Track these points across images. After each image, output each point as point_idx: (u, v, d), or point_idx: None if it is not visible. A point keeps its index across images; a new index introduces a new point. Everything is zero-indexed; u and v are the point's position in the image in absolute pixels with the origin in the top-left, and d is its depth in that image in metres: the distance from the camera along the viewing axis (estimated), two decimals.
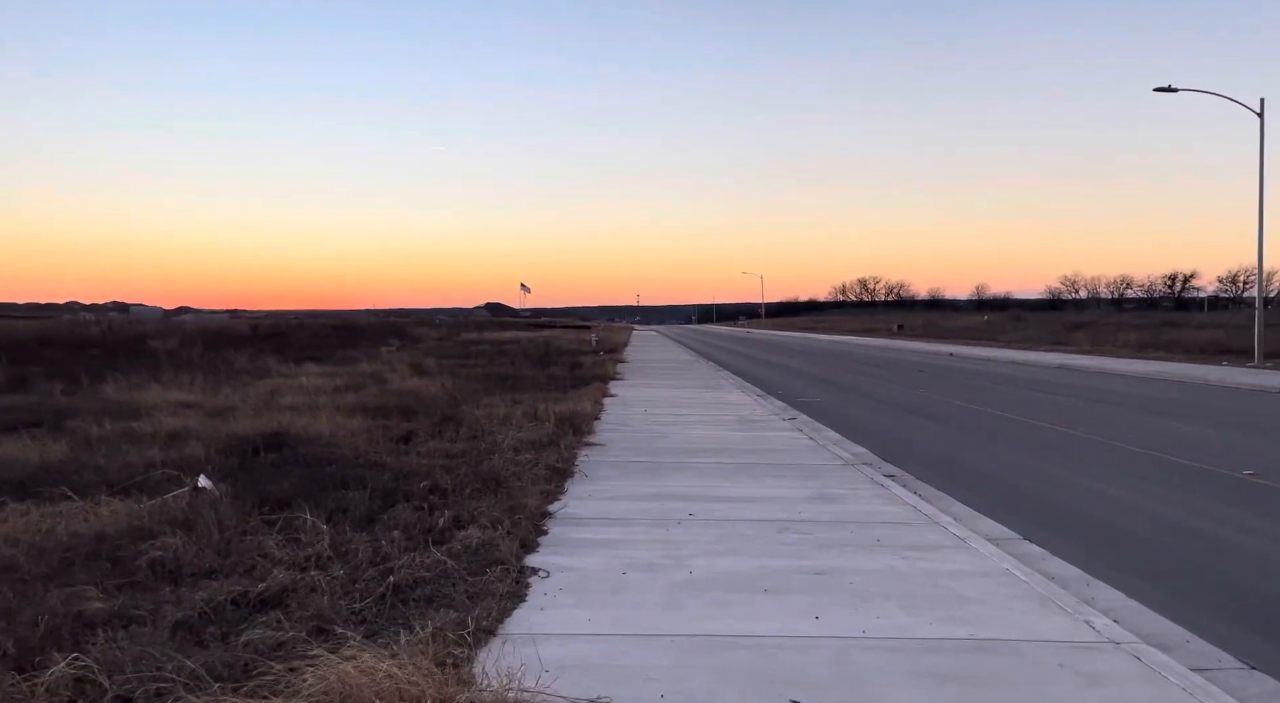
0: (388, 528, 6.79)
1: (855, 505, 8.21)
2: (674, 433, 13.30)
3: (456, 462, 9.63)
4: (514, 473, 8.98)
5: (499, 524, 6.80)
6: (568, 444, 11.24)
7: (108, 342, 28.22)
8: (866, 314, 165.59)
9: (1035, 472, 10.96)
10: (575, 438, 11.98)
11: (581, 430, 12.69)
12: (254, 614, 4.84)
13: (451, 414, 13.98)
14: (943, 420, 16.29)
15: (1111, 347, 43.46)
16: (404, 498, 7.70)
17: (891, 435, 14.24)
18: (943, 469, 11.03)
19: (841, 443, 12.86)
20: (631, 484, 9.11)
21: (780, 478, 9.58)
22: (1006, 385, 23.94)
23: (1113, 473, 10.75)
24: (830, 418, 16.15)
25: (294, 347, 36.68)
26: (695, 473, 9.83)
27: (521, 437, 11.39)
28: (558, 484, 8.71)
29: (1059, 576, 6.14)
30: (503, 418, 13.52)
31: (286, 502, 7.39)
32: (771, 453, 11.40)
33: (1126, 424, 15.38)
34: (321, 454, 9.80)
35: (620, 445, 11.89)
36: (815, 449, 11.87)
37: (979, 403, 19.12)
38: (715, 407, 17.36)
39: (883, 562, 6.23)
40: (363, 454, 10.03)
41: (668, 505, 8.07)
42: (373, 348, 37.45)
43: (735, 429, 13.87)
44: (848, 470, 10.19)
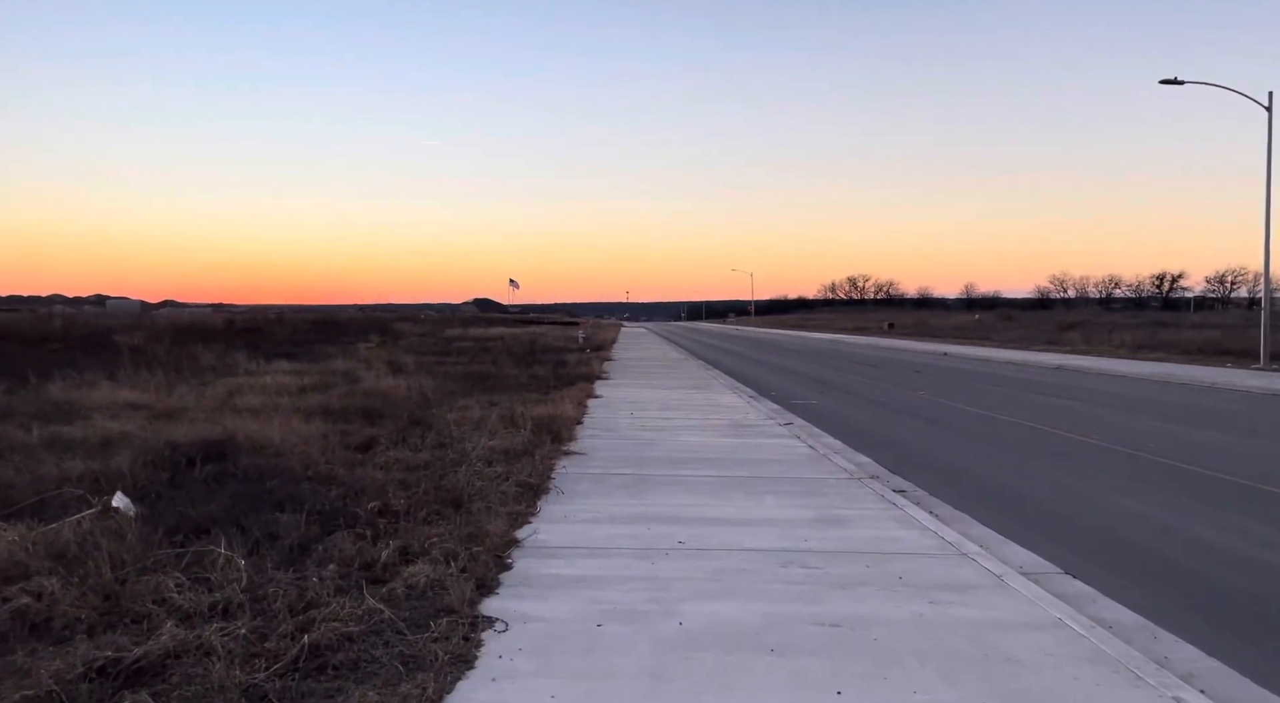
0: (321, 562, 5.74)
1: (867, 530, 7.20)
2: (662, 440, 12.28)
3: (417, 475, 8.58)
4: (480, 490, 7.94)
5: (454, 558, 5.75)
6: (545, 454, 10.20)
7: (70, 336, 26.94)
8: (856, 312, 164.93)
9: (1057, 486, 9.99)
10: (554, 446, 10.95)
11: (561, 437, 11.65)
12: (120, 691, 3.79)
13: (421, 418, 12.91)
14: (947, 426, 15.33)
15: (1107, 347, 42.71)
16: (347, 523, 6.65)
17: (895, 443, 13.25)
18: (956, 483, 10.05)
19: (843, 452, 11.87)
20: (613, 503, 8.08)
21: (780, 495, 8.56)
22: (1007, 387, 23.02)
23: (1142, 488, 9.78)
24: (828, 423, 15.16)
25: (269, 342, 35.47)
26: (685, 489, 8.81)
27: (494, 445, 10.34)
28: (529, 504, 7.66)
29: (1118, 624, 5.15)
30: (476, 422, 12.46)
31: (209, 527, 6.34)
32: (769, 464, 10.39)
33: (1141, 431, 14.44)
34: (266, 466, 8.72)
35: (603, 455, 10.85)
36: (816, 460, 10.86)
37: (982, 406, 18.18)
38: (706, 410, 16.34)
39: (909, 608, 5.22)
40: (313, 466, 8.96)
41: (654, 530, 7.04)
42: (351, 344, 36.27)
43: (728, 436, 12.85)
44: (854, 486, 9.18)
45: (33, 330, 27.21)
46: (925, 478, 10.15)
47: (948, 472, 10.85)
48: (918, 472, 10.59)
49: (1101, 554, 7.11)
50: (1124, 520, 8.33)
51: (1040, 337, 54.83)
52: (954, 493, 9.32)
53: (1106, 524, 8.17)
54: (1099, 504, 9.00)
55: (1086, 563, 6.72)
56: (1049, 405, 18.50)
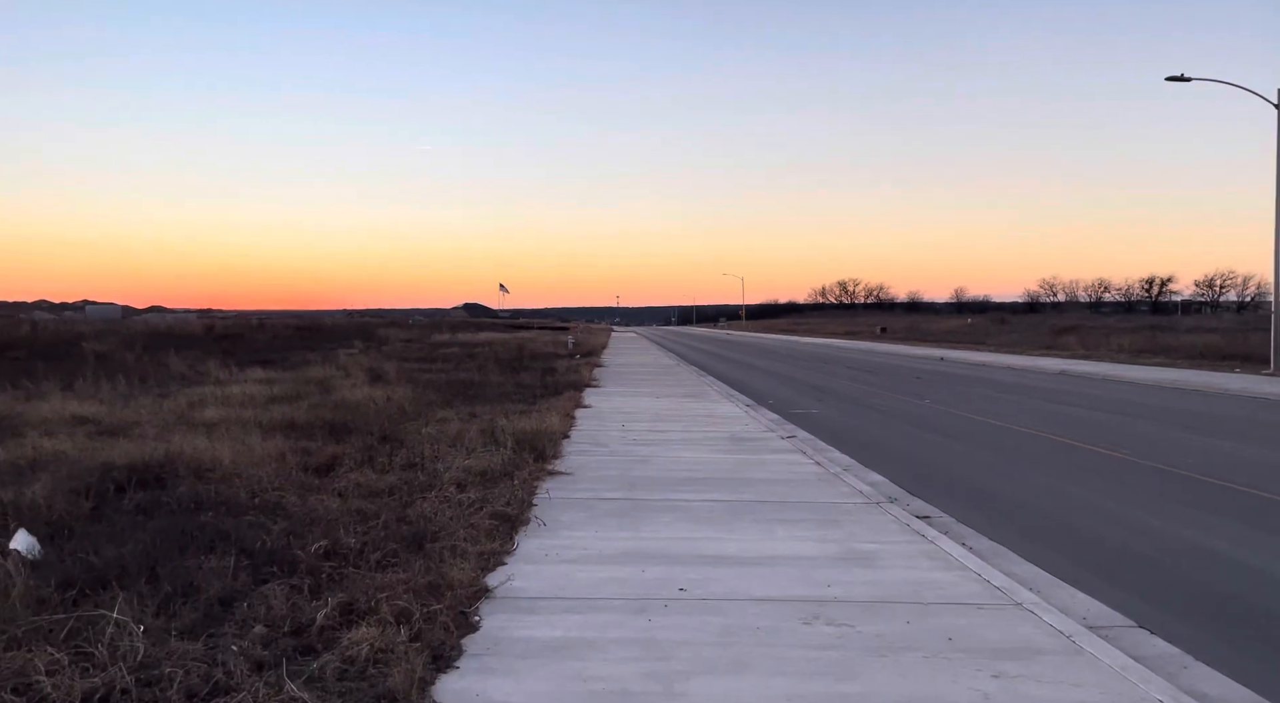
0: (244, 624, 4.70)
1: (898, 570, 6.19)
2: (656, 456, 11.25)
3: (379, 504, 7.53)
4: (449, 522, 6.89)
5: (407, 618, 4.71)
6: (526, 475, 9.15)
7: (36, 343, 25.73)
8: (847, 316, 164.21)
9: (1097, 510, 9.00)
10: (537, 465, 9.90)
11: (545, 454, 10.61)
12: None
13: (393, 433, 11.85)
14: (959, 437, 14.35)
15: (1106, 351, 41.89)
16: (286, 569, 5.59)
17: (908, 458, 12.26)
18: (983, 506, 9.06)
19: (853, 469, 10.87)
20: (603, 536, 7.04)
21: (792, 524, 7.54)
22: (1014, 395, 22.09)
23: (1198, 514, 8.80)
24: (833, 435, 14.16)
25: (247, 349, 34.32)
26: (684, 516, 7.78)
27: (470, 465, 9.28)
28: (504, 540, 6.61)
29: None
30: (454, 437, 11.41)
31: (118, 575, 5.29)
32: (775, 485, 9.38)
33: (1172, 443, 13.50)
34: (206, 494, 7.65)
35: (590, 475, 9.82)
36: (825, 479, 9.85)
37: (992, 415, 17.22)
38: (702, 421, 15.32)
39: (969, 685, 4.20)
40: (261, 492, 7.89)
41: (650, 572, 6.01)
42: (333, 351, 35.12)
43: (728, 451, 11.83)
44: (873, 512, 8.17)
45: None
46: (948, 500, 9.16)
47: (971, 493, 9.86)
48: (938, 493, 9.60)
49: (1171, 600, 6.12)
50: (1189, 556, 7.34)
51: (1036, 341, 54.06)
52: (983, 519, 8.33)
53: (1168, 560, 7.19)
54: (1153, 535, 8.01)
55: (1159, 612, 5.73)
56: (1063, 414, 17.56)
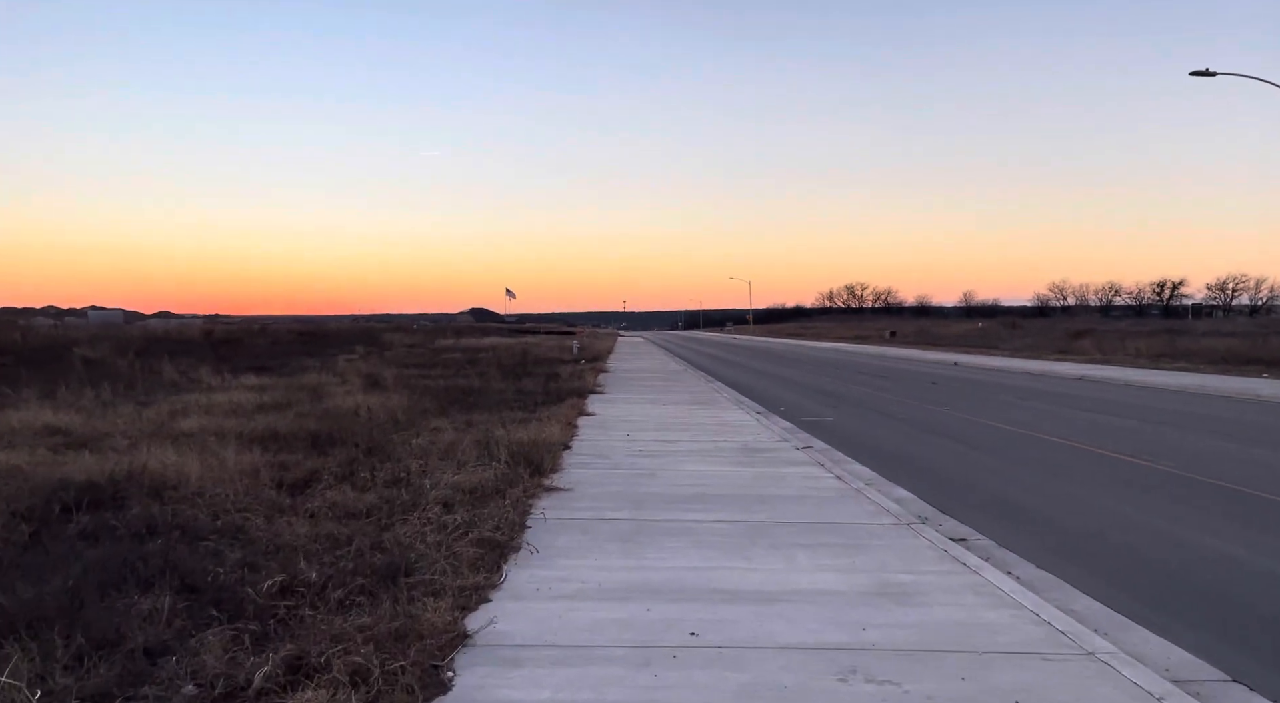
0: (169, 685, 3.92)
1: (942, 608, 5.38)
2: (663, 469, 10.45)
3: (353, 527, 6.75)
4: (430, 549, 6.11)
5: (364, 676, 3.93)
6: (521, 492, 8.36)
7: (25, 349, 25.06)
8: (854, 321, 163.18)
9: (1151, 531, 8.15)
10: (534, 480, 9.11)
11: (543, 468, 9.81)
12: None
13: (380, 444, 11.08)
14: (985, 447, 13.51)
15: (1123, 356, 40.97)
16: (232, 611, 4.81)
17: (933, 470, 11.43)
18: (1023, 526, 8.24)
19: (876, 482, 10.06)
20: (602, 565, 6.24)
21: (816, 550, 6.73)
22: (1035, 400, 21.22)
23: (1263, 536, 7.96)
24: (851, 445, 13.34)
25: (246, 354, 33.66)
26: (694, 540, 6.98)
27: (459, 481, 8.50)
28: (490, 572, 5.81)
29: None
30: (446, 449, 10.64)
31: (32, 620, 4.52)
32: (793, 502, 8.56)
33: (1211, 453, 12.64)
34: (161, 516, 6.87)
35: (591, 491, 9.02)
36: (847, 495, 9.04)
37: (1016, 423, 16.36)
38: (712, 430, 14.51)
39: None
40: (225, 514, 7.12)
41: (656, 612, 5.21)
42: (334, 356, 34.42)
43: (740, 463, 11.02)
44: (904, 534, 7.35)
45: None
46: (982, 519, 8.35)
47: (1007, 510, 9.03)
48: (971, 510, 8.78)
49: (1261, 644, 5.29)
50: (1266, 587, 6.51)
51: (1050, 345, 53.11)
52: (1025, 541, 7.51)
53: (1243, 593, 6.35)
54: (1222, 563, 7.17)
55: (1251, 660, 4.90)
56: (1089, 422, 16.69)
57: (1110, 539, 7.86)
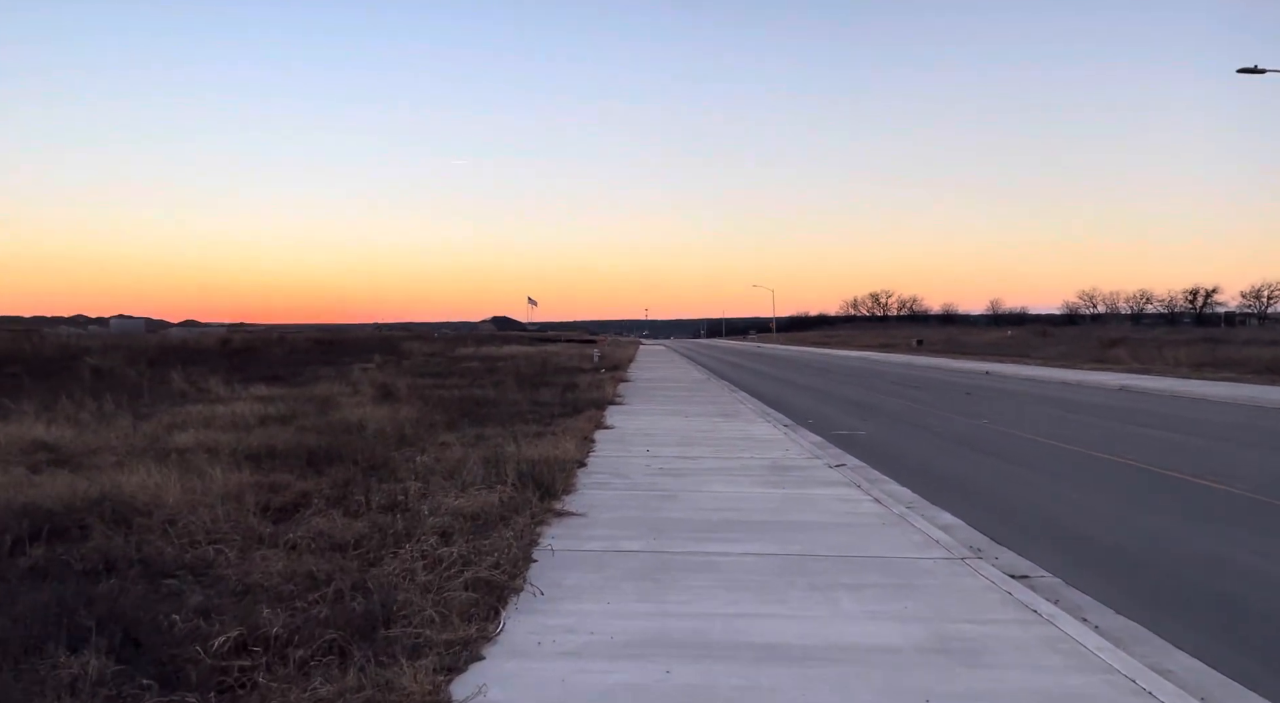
0: None
1: (1018, 670, 4.52)
2: (686, 491, 9.62)
3: (336, 563, 5.98)
4: (417, 593, 5.33)
5: None
6: (528, 519, 7.57)
7: (36, 359, 24.67)
8: (879, 329, 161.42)
9: (1243, 570, 7.22)
10: (543, 504, 8.32)
11: (554, 489, 9.02)
12: None
13: (383, 461, 10.35)
14: (1032, 465, 12.57)
15: (1162, 365, 39.60)
16: (166, 677, 4.04)
17: (979, 491, 10.53)
18: (1088, 560, 7.34)
19: (918, 506, 9.19)
20: (616, 610, 5.43)
21: (860, 591, 5.89)
22: (1078, 413, 20.17)
23: None
24: (886, 462, 12.45)
25: (260, 363, 33.21)
26: (721, 579, 6.16)
27: (461, 506, 7.73)
28: (484, 623, 5.01)
29: None
30: (451, 467, 9.88)
31: None
32: (830, 531, 7.71)
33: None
34: (120, 550, 6.14)
35: (606, 516, 8.21)
36: (890, 522, 8.17)
37: (1061, 438, 15.38)
38: (737, 445, 13.67)
39: None
40: (197, 545, 6.39)
41: (678, 676, 4.39)
42: (350, 365, 33.90)
43: (768, 483, 10.17)
44: (958, 571, 6.48)
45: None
46: (1042, 551, 7.46)
47: (1068, 540, 8.13)
48: (1027, 540, 7.90)
49: None
50: None
51: (1084, 354, 51.70)
52: (1096, 580, 6.62)
53: None
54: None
55: None
56: (1140, 436, 15.68)
57: (1189, 576, 6.94)
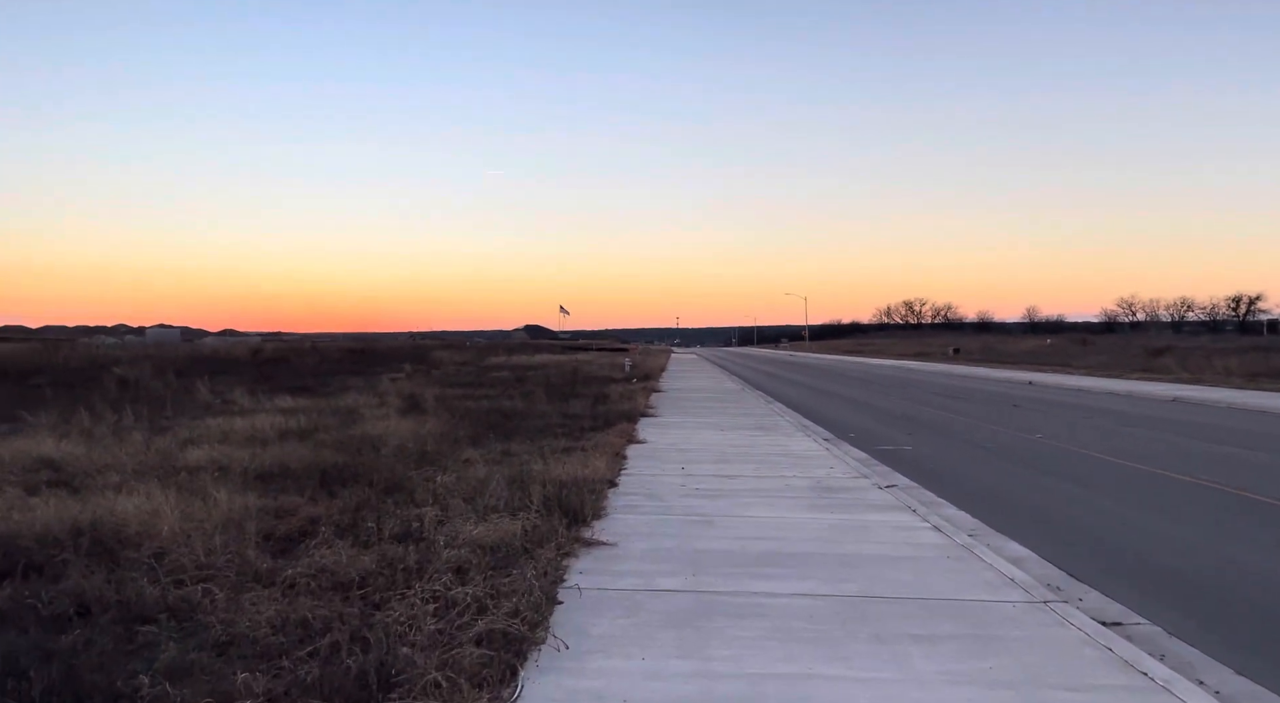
0: None
1: None
2: (725, 515, 8.86)
3: (336, 608, 5.30)
4: (423, 648, 4.62)
5: None
6: (554, 551, 6.86)
7: (65, 368, 24.49)
8: (913, 337, 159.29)
9: None
10: (570, 531, 7.60)
11: (583, 515, 8.30)
12: None
13: (401, 482, 9.70)
14: (1100, 488, 11.63)
15: (1213, 375, 38.09)
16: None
17: (1046, 517, 9.64)
18: (1187, 602, 6.46)
19: (982, 534, 8.35)
20: (651, 670, 4.68)
21: (934, 645, 5.09)
22: (1136, 427, 19.08)
23: None
24: (938, 482, 11.58)
25: (290, 374, 32.94)
26: (771, 628, 5.39)
27: (480, 536, 7.04)
28: (497, 688, 4.29)
29: None
30: (474, 488, 9.22)
31: None
32: (889, 565, 6.91)
33: None
34: (105, 589, 5.52)
35: (639, 547, 7.47)
36: (955, 555, 7.34)
37: (1125, 455, 14.38)
38: (777, 462, 12.86)
39: None
40: (186, 582, 5.75)
41: None
42: (380, 375, 33.54)
43: (815, 507, 9.37)
44: (1043, 617, 5.65)
45: (26, 362, 24.84)
46: (1131, 590, 6.61)
47: (1160, 578, 7.24)
48: (1112, 577, 7.04)
49: None
50: None
51: (1128, 363, 50.14)
52: (1200, 629, 5.76)
53: None
54: None
55: None
56: (1210, 453, 14.63)
57: None
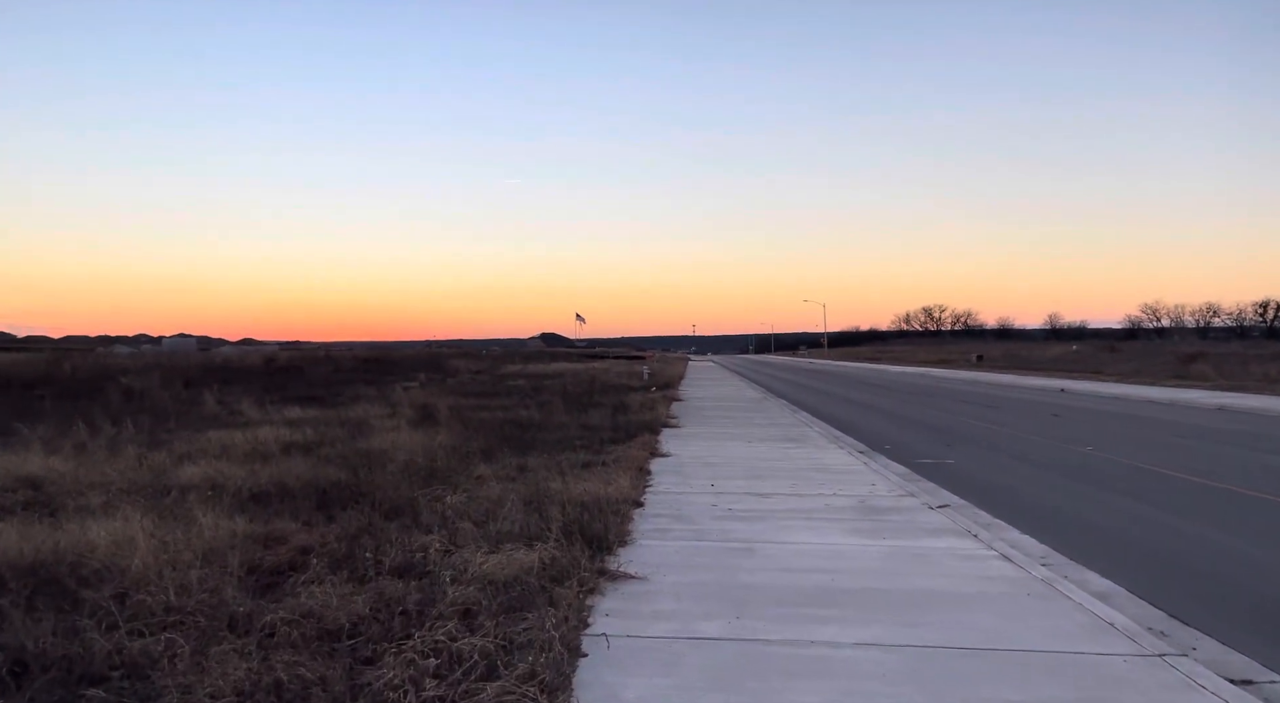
0: None
1: None
2: (764, 541, 7.96)
3: (321, 665, 4.45)
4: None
5: None
6: (575, 589, 5.99)
7: (71, 379, 23.89)
8: (934, 344, 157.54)
9: None
10: (594, 562, 6.73)
11: (607, 541, 7.43)
12: None
13: (406, 503, 8.87)
14: (1167, 505, 10.62)
15: (1257, 382, 36.73)
16: None
17: (1123, 542, 8.67)
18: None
19: (1054, 562, 7.42)
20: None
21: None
22: (1191, 438, 18.00)
23: None
24: (993, 501, 10.63)
25: (302, 383, 32.29)
26: (838, 692, 4.49)
27: (491, 569, 6.18)
28: None
29: None
30: (486, 510, 8.38)
31: None
32: (960, 606, 5.99)
33: None
34: (49, 643, 4.69)
35: (671, 581, 6.58)
36: (1034, 591, 6.41)
37: (1192, 470, 13.35)
38: (812, 478, 11.94)
39: None
40: (147, 633, 4.92)
41: None
42: (393, 384, 32.83)
43: (863, 531, 8.45)
44: (1162, 678, 4.72)
45: (31, 373, 24.28)
46: (1246, 635, 5.66)
47: (1276, 617, 6.28)
48: (1217, 617, 6.08)
49: None
50: None
51: (1160, 370, 48.72)
52: None
53: None
54: None
55: None
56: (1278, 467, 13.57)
57: None
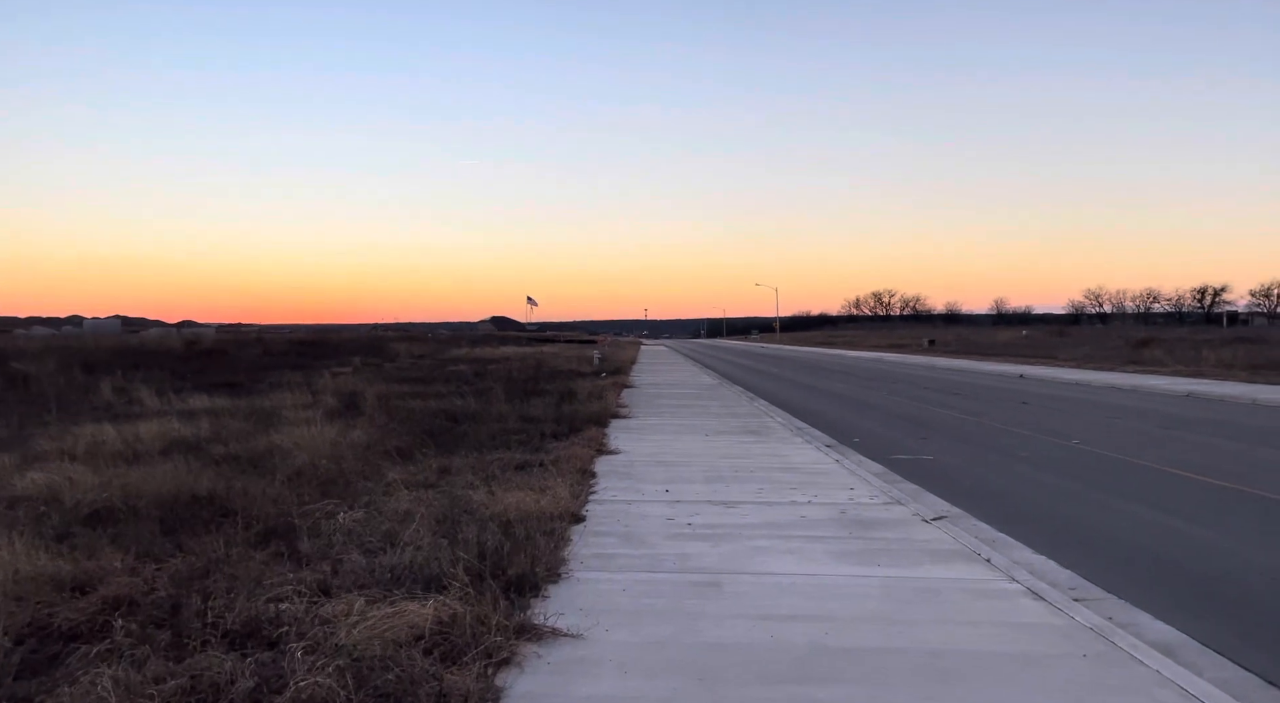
0: None
1: None
2: (733, 571, 6.35)
3: None
4: None
5: None
6: (474, 678, 4.31)
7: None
8: (884, 328, 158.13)
9: None
10: (509, 618, 5.04)
11: (535, 580, 5.76)
12: None
13: (285, 525, 7.09)
14: (1200, 518, 9.29)
15: (1213, 368, 36.36)
16: None
17: (1160, 563, 7.25)
18: None
19: (1090, 595, 5.96)
20: None
21: None
22: (1176, 429, 16.91)
23: None
24: (989, 508, 9.19)
25: (225, 368, 29.96)
26: None
27: (364, 635, 4.47)
28: None
29: None
30: (388, 532, 6.66)
31: None
32: (996, 676, 4.45)
33: None
34: None
35: (616, 643, 4.93)
36: (1093, 654, 4.90)
37: (1197, 468, 12.12)
38: (781, 480, 10.40)
39: None
40: None
41: None
42: (324, 370, 30.66)
43: (853, 555, 6.89)
44: None
45: None
46: None
47: None
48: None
49: None
50: None
51: (1112, 355, 48.43)
52: None
53: None
54: None
55: None
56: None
57: None
